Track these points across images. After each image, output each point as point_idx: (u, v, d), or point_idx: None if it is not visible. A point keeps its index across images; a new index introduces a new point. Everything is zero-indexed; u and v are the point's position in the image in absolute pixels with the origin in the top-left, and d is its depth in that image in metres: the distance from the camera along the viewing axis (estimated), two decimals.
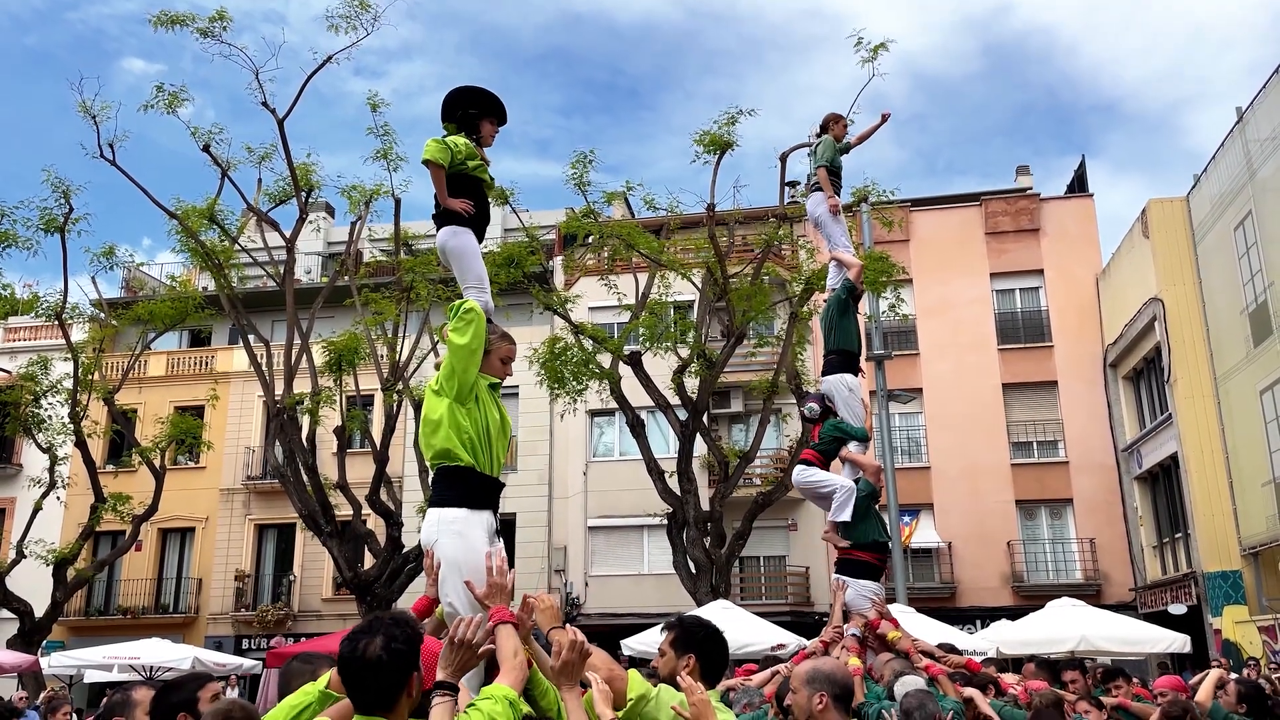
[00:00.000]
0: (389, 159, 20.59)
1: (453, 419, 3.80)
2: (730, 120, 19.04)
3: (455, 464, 3.82)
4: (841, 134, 8.44)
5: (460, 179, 4.33)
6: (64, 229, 20.57)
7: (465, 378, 3.82)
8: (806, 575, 26.04)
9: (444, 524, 3.79)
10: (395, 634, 2.71)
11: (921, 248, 28.05)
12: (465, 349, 3.82)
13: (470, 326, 3.85)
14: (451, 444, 3.79)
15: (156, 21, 18.76)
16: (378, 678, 2.67)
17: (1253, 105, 20.14)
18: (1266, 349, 19.72)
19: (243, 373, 28.84)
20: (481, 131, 4.49)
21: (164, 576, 29.96)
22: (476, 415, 3.86)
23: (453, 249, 4.30)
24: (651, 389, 20.18)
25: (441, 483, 3.87)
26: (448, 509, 3.82)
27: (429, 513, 3.90)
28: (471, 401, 3.85)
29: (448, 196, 4.27)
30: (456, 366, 3.82)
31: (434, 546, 3.82)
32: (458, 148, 4.30)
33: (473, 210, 4.34)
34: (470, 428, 3.82)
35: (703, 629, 3.44)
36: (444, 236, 4.32)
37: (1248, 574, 20.80)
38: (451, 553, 3.76)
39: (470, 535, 3.80)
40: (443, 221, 4.33)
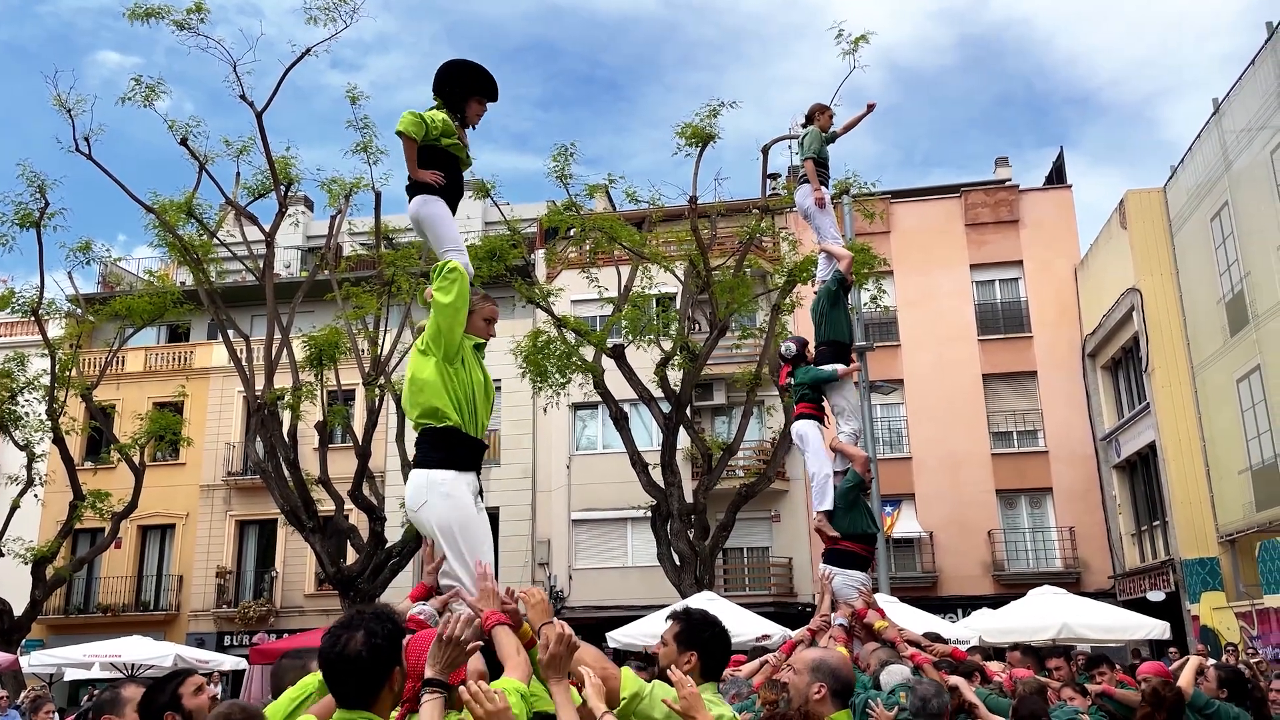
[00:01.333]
0: (369, 152, 20.50)
1: (440, 378, 3.82)
2: (712, 113, 19.06)
3: (442, 424, 3.82)
4: (827, 125, 8.45)
5: (434, 153, 4.33)
6: (40, 224, 20.36)
7: (451, 336, 3.84)
8: (790, 566, 26.17)
9: (433, 486, 3.80)
10: (376, 629, 2.69)
11: (902, 239, 28.17)
12: (450, 307, 3.83)
13: (454, 285, 3.87)
14: (440, 402, 3.80)
15: (131, 14, 18.55)
16: (359, 673, 2.65)
17: (1229, 96, 20.31)
18: (1242, 338, 19.94)
19: (222, 368, 28.65)
20: (468, 111, 4.50)
21: (144, 574, 29.75)
22: (463, 376, 3.88)
23: (425, 216, 4.31)
24: (634, 382, 20.19)
25: (427, 443, 3.87)
26: (435, 470, 3.82)
27: (414, 474, 3.88)
28: (458, 362, 3.87)
29: (418, 168, 4.28)
30: (442, 325, 3.83)
31: (422, 509, 3.81)
32: (434, 123, 4.30)
33: (443, 182, 4.35)
34: (457, 388, 3.84)
35: (709, 627, 3.42)
36: (415, 206, 4.33)
37: (1225, 561, 21.05)
38: (442, 514, 3.78)
39: (459, 496, 3.82)
40: (414, 192, 4.34)
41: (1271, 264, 18.71)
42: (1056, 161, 30.32)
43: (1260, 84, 19.06)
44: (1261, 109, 18.96)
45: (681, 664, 3.26)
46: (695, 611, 3.48)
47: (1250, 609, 18.00)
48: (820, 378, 7.79)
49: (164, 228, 20.65)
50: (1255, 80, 19.27)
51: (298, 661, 3.75)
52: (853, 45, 17.00)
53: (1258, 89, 19.15)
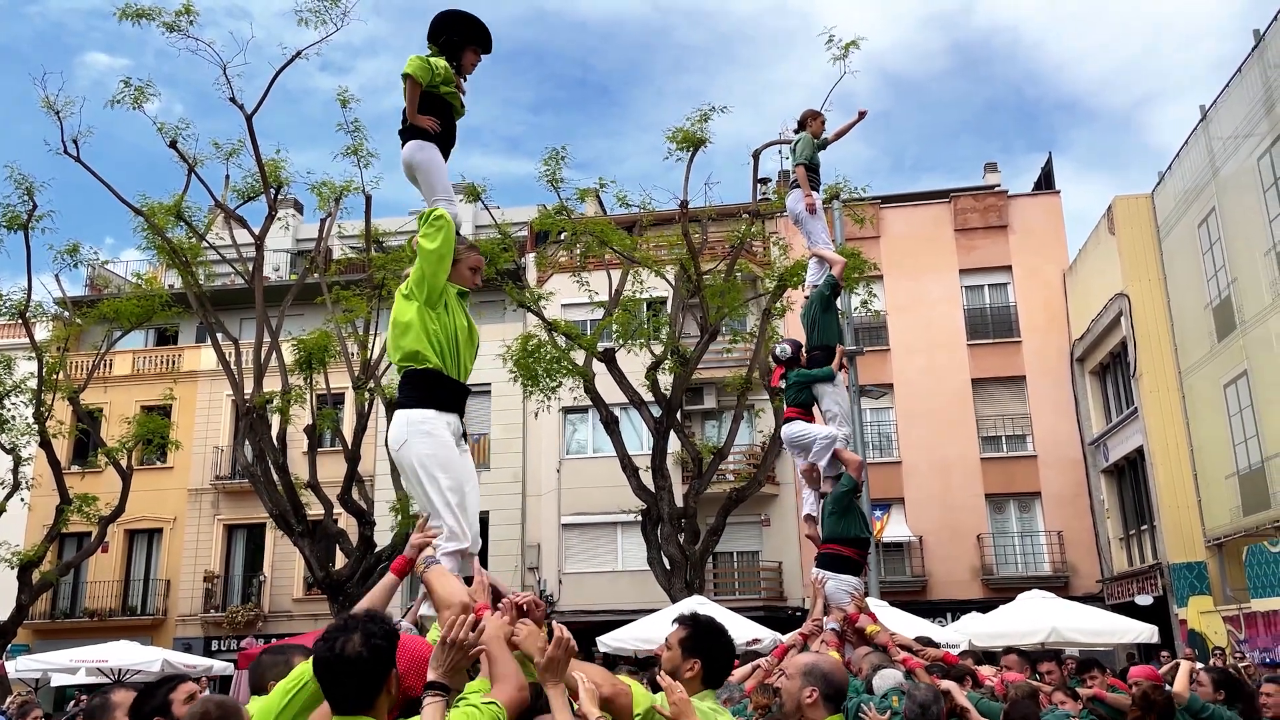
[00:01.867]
0: (359, 156, 20.46)
1: (422, 322, 3.86)
2: (703, 117, 19.10)
3: (423, 366, 3.85)
4: (819, 130, 8.50)
5: (431, 99, 4.34)
6: (28, 226, 20.25)
7: (435, 282, 3.88)
8: (779, 570, 26.19)
9: (413, 424, 3.82)
10: (374, 630, 2.67)
11: (892, 244, 28.26)
12: (435, 254, 3.87)
13: (440, 233, 3.90)
14: (421, 345, 3.84)
15: (122, 14, 18.49)
16: (359, 674, 2.62)
17: (1216, 104, 20.45)
18: (1230, 344, 20.06)
19: (210, 371, 28.52)
20: (463, 59, 4.51)
21: (131, 578, 29.58)
22: (446, 320, 3.92)
23: (419, 162, 4.30)
24: (625, 386, 20.19)
25: (409, 385, 3.90)
26: (415, 409, 3.84)
27: (396, 415, 3.90)
28: (441, 307, 3.91)
29: (417, 113, 4.27)
30: (426, 271, 3.87)
31: (403, 448, 3.81)
32: (437, 69, 4.31)
33: (439, 128, 4.36)
34: (439, 332, 3.88)
35: (715, 635, 3.38)
36: (410, 150, 4.33)
37: (1212, 565, 21.15)
38: (422, 451, 3.79)
39: (439, 434, 3.83)
40: (409, 136, 4.34)
41: (1258, 270, 18.84)
42: (1045, 167, 30.48)
43: (1247, 91, 19.19)
44: (1249, 116, 19.09)
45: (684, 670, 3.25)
46: (703, 618, 3.44)
47: (1237, 613, 18.08)
48: (813, 378, 7.86)
49: (153, 230, 20.56)
50: (1242, 88, 19.40)
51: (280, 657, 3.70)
52: (843, 51, 17.08)
53: (1245, 96, 19.29)
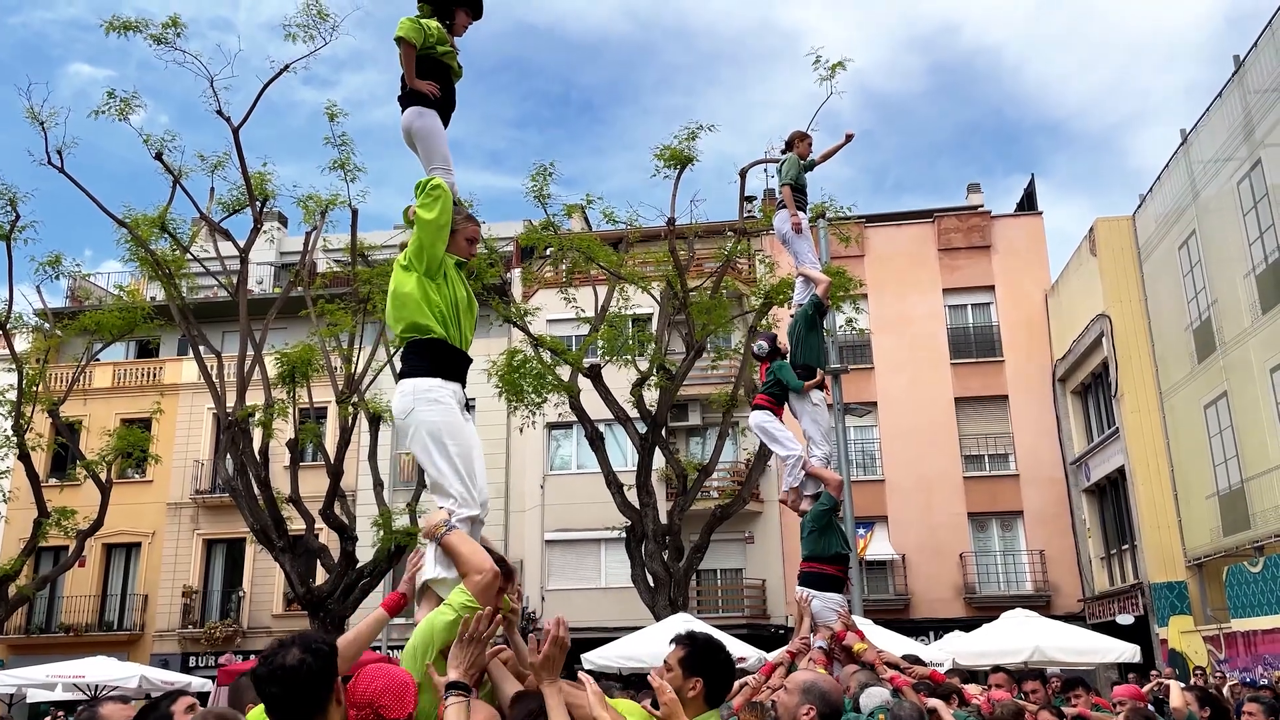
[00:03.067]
0: (346, 169, 20.42)
1: (423, 293, 3.85)
2: (690, 135, 19.19)
3: (426, 336, 3.85)
4: (806, 152, 8.56)
5: (428, 62, 4.29)
6: (9, 237, 20.11)
7: (434, 252, 3.87)
8: (763, 588, 26.15)
9: (419, 393, 3.81)
10: (311, 640, 2.65)
11: (876, 263, 28.42)
12: (433, 224, 3.86)
13: (438, 203, 3.88)
14: (423, 316, 3.83)
15: (109, 27, 18.44)
16: (299, 684, 2.56)
17: (1196, 128, 20.72)
18: (1209, 365, 20.25)
19: (191, 384, 28.34)
20: (455, 19, 4.46)
21: (108, 593, 29.25)
22: (445, 291, 3.91)
23: (419, 129, 4.26)
24: (610, 402, 20.17)
25: (413, 354, 3.89)
26: (421, 378, 3.84)
27: (400, 384, 3.89)
28: (440, 277, 3.90)
29: (416, 78, 4.22)
30: (425, 241, 3.85)
31: (409, 416, 3.81)
32: (430, 30, 4.27)
33: (439, 94, 4.31)
34: (440, 302, 3.87)
35: (715, 653, 3.31)
36: (409, 117, 4.28)
37: (1192, 585, 21.28)
38: (429, 419, 3.78)
39: (446, 402, 3.83)
40: (408, 103, 4.29)
41: (1238, 292, 19.05)
42: (1028, 188, 30.75)
43: (1227, 116, 19.46)
44: (1228, 140, 19.35)
45: (687, 690, 3.21)
46: (701, 636, 3.38)
47: (1217, 633, 18.19)
48: (789, 382, 7.93)
49: (136, 242, 20.45)
50: (1222, 112, 19.67)
51: None
52: (830, 72, 17.20)
53: (1225, 121, 19.55)
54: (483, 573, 3.22)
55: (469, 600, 3.14)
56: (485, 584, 3.19)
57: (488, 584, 3.19)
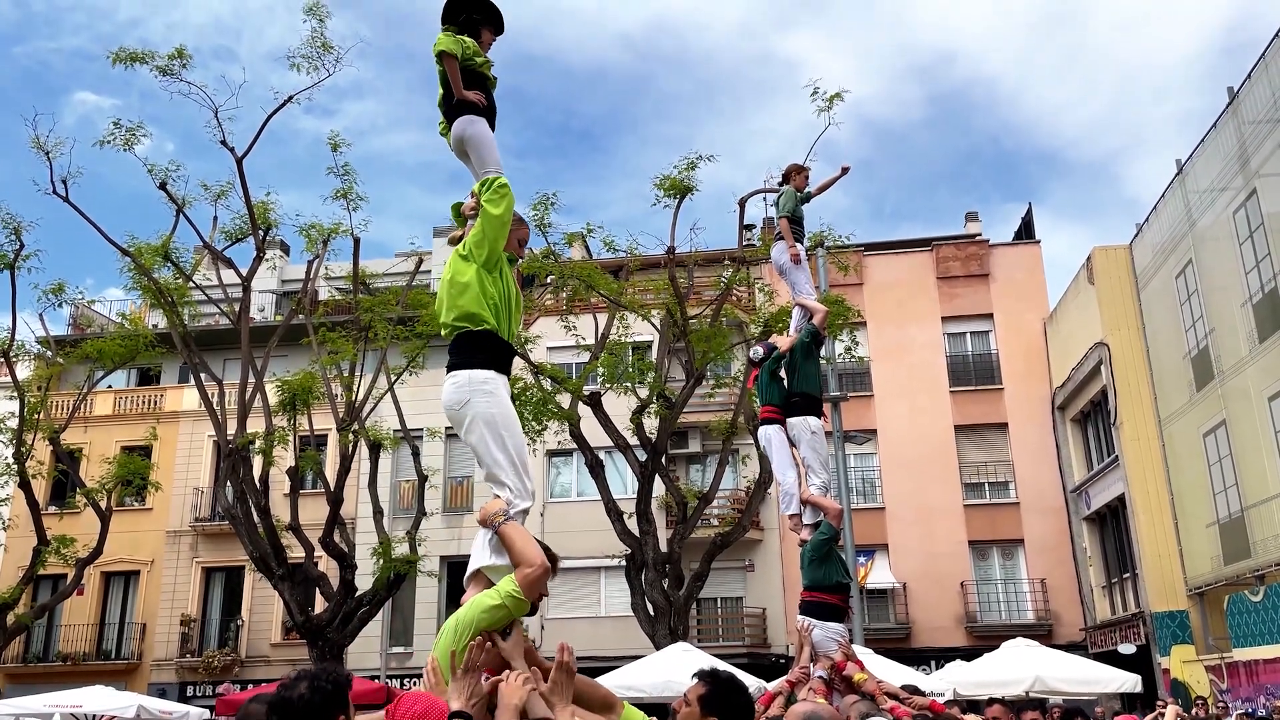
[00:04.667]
0: (348, 198, 20.56)
1: (480, 284, 3.94)
2: (690, 165, 19.34)
3: (479, 328, 3.92)
4: (802, 184, 8.66)
5: (468, 74, 4.39)
6: (14, 266, 20.22)
7: (495, 246, 3.98)
8: (763, 617, 26.05)
9: (475, 384, 3.87)
10: (320, 674, 2.75)
11: (875, 292, 28.54)
12: (498, 220, 3.98)
13: (504, 200, 4.02)
14: (480, 307, 3.92)
15: (116, 58, 18.64)
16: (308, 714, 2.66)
17: (1192, 158, 20.89)
18: (1208, 393, 20.29)
19: (192, 412, 28.36)
20: (481, 39, 4.56)
21: (106, 621, 29.12)
22: (500, 284, 4.00)
23: (471, 136, 4.33)
24: (610, 429, 20.20)
25: (467, 346, 3.95)
26: (477, 370, 3.90)
27: (453, 374, 3.93)
28: (496, 271, 4.00)
29: (463, 88, 4.32)
30: (489, 234, 3.97)
31: (465, 407, 3.86)
32: (466, 44, 4.38)
33: (485, 102, 4.41)
34: (495, 294, 3.97)
35: (735, 693, 3.28)
36: (461, 125, 4.35)
37: (1194, 614, 21.21)
38: (486, 409, 3.85)
39: (501, 395, 3.91)
40: (457, 113, 4.38)
41: (1235, 321, 19.13)
42: (1025, 217, 30.95)
43: (1222, 147, 19.63)
44: (1224, 171, 19.51)
45: None
46: (723, 674, 3.35)
47: (1219, 662, 18.12)
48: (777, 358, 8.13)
49: (139, 271, 20.55)
50: (1217, 143, 19.84)
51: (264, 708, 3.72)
52: (828, 102, 17.37)
53: (1220, 151, 19.72)
54: (534, 566, 3.37)
55: (515, 590, 3.30)
56: (535, 578, 3.34)
57: (537, 578, 3.35)
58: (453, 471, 27.98)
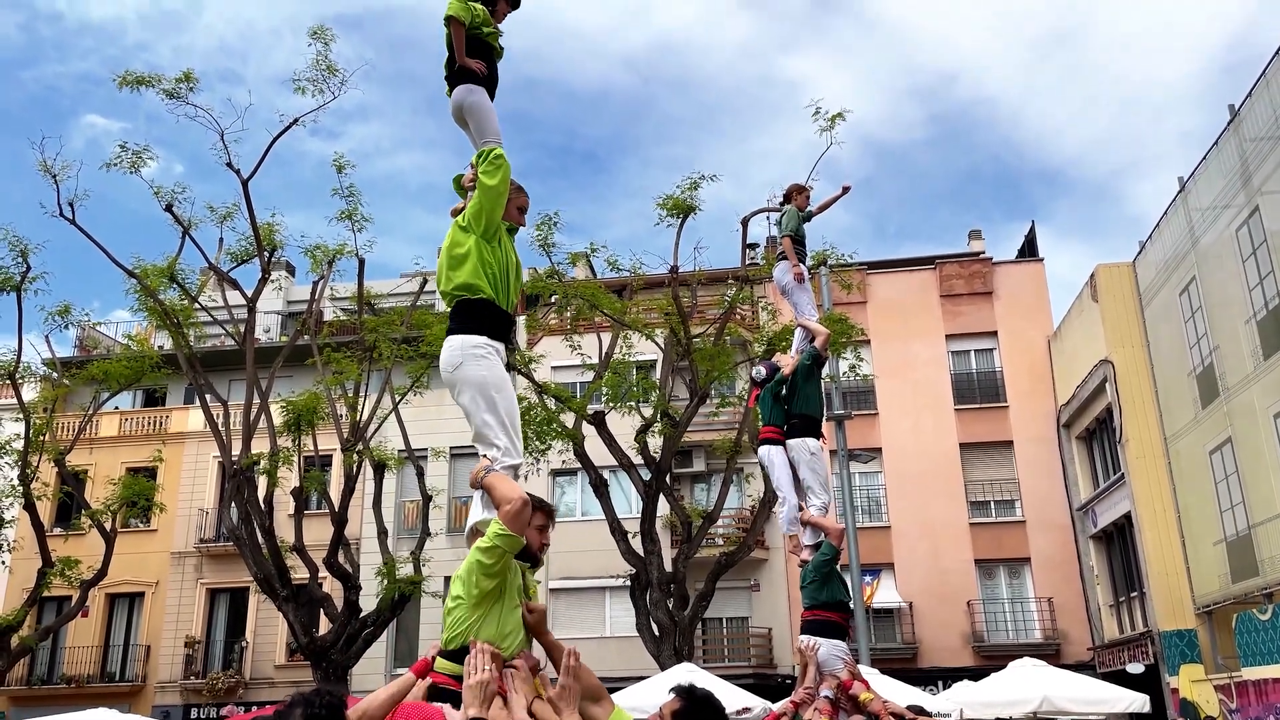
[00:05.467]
0: (353, 220, 20.66)
1: (479, 254, 4.02)
2: (693, 185, 19.41)
3: (477, 296, 4.00)
4: (804, 204, 8.70)
5: (474, 42, 4.44)
6: (20, 288, 20.31)
7: (493, 217, 4.06)
8: (769, 637, 25.92)
9: (468, 349, 3.96)
10: (315, 699, 2.80)
11: (879, 310, 28.55)
12: (495, 190, 4.05)
13: (499, 170, 4.07)
14: (477, 278, 4.00)
15: (122, 82, 18.78)
16: None
17: (1194, 175, 20.91)
18: (1214, 410, 20.23)
19: (197, 433, 28.40)
20: (496, 7, 4.63)
21: (111, 643, 29.07)
22: (498, 253, 4.08)
23: (471, 104, 4.39)
24: (614, 448, 20.19)
25: (463, 313, 4.04)
26: (470, 335, 3.98)
27: (449, 340, 4.02)
28: (494, 241, 4.07)
29: (465, 56, 4.37)
30: (485, 205, 4.03)
31: (458, 370, 3.95)
32: (476, 11, 4.43)
33: (486, 71, 4.46)
34: (493, 264, 4.04)
35: (709, 709, 3.31)
36: (461, 94, 4.41)
37: (1202, 633, 21.05)
38: (479, 374, 3.94)
39: (493, 359, 4.00)
40: (456, 81, 4.44)
41: (1240, 338, 19.09)
42: (1028, 235, 30.95)
43: (1224, 164, 19.66)
44: (1226, 188, 19.52)
45: None
46: (699, 691, 3.38)
47: (1228, 682, 17.97)
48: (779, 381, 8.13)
49: (145, 293, 20.63)
50: (1219, 160, 19.87)
51: None
52: (830, 123, 17.43)
53: (1222, 168, 19.74)
54: (511, 501, 3.50)
55: (500, 529, 3.45)
56: (515, 511, 3.48)
57: (517, 511, 3.48)
58: (457, 492, 27.94)
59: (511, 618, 3.54)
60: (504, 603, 3.52)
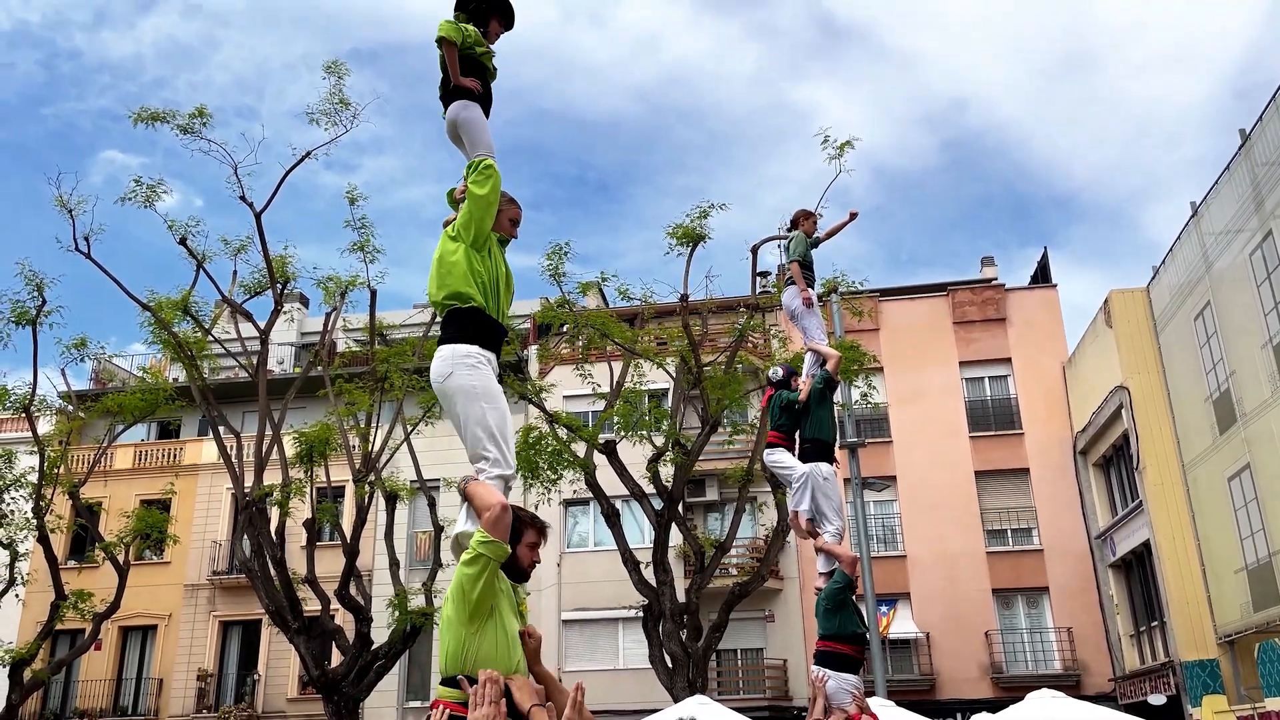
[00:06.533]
0: (365, 251, 20.77)
1: (469, 263, 4.04)
2: (702, 214, 19.47)
3: (467, 305, 4.01)
4: (811, 230, 8.70)
5: (468, 61, 4.49)
6: (36, 321, 20.47)
7: (483, 226, 4.09)
8: (784, 668, 25.64)
9: (457, 358, 3.96)
10: None
11: (891, 337, 28.46)
12: (484, 200, 4.08)
13: (489, 180, 4.11)
14: (468, 286, 4.01)
15: (137, 118, 19.00)
16: None
17: (1206, 200, 20.84)
18: (1231, 436, 20.02)
19: (211, 465, 28.45)
20: (489, 27, 4.67)
21: (123, 677, 28.99)
22: (488, 263, 4.10)
23: (464, 120, 4.42)
24: (626, 478, 20.11)
25: (454, 322, 4.04)
26: (460, 344, 3.98)
27: (440, 350, 4.02)
28: (485, 251, 4.10)
29: (459, 75, 4.42)
30: (475, 214, 4.06)
31: (448, 379, 3.94)
32: (468, 32, 4.48)
33: (480, 89, 4.50)
34: (484, 273, 4.06)
35: None
36: (455, 110, 4.45)
37: (1225, 663, 20.71)
38: (469, 382, 3.92)
39: (484, 368, 3.97)
40: (453, 97, 4.47)
41: (1256, 363, 18.93)
42: (1041, 261, 30.87)
43: (1236, 188, 19.59)
44: (1239, 212, 19.45)
45: None
46: None
47: (1252, 713, 17.64)
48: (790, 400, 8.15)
49: (159, 325, 20.76)
50: (1231, 185, 19.81)
51: None
52: (839, 150, 17.46)
53: (1234, 193, 19.68)
54: (490, 506, 3.47)
55: (483, 536, 3.40)
56: (495, 517, 3.43)
57: (497, 517, 3.44)
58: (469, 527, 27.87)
59: (509, 632, 3.46)
60: (499, 619, 3.43)
